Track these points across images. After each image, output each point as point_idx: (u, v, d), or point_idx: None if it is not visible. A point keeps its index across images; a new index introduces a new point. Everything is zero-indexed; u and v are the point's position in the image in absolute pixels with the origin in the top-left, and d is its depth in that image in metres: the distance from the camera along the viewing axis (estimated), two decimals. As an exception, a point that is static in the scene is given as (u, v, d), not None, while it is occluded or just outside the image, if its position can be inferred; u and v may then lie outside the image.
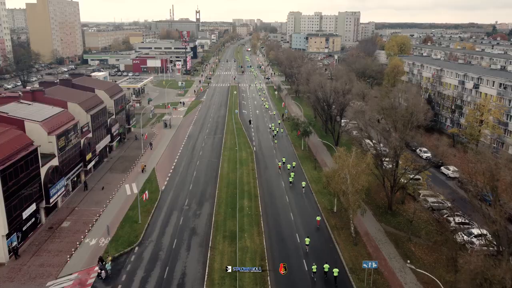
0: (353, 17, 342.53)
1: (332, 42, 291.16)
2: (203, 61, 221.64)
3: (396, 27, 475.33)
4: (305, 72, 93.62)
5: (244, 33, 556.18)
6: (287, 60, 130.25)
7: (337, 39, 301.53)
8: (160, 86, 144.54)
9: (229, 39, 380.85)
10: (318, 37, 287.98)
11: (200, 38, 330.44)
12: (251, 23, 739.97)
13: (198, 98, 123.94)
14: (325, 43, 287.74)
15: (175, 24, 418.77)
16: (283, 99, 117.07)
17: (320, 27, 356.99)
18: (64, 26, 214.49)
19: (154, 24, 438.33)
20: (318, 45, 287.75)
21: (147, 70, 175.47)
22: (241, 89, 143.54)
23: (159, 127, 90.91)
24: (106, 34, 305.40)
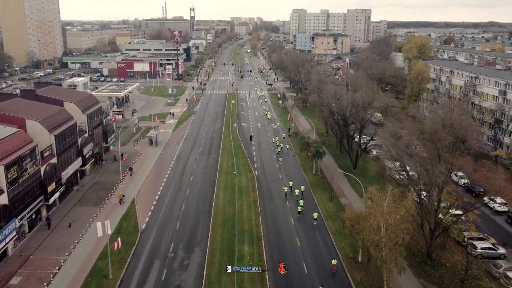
0: (363, 15, 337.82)
1: (340, 42, 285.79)
2: (197, 64, 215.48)
3: (409, 26, 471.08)
4: (315, 80, 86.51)
5: (243, 33, 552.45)
6: (293, 64, 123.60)
7: (346, 39, 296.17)
8: (147, 94, 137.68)
9: (227, 40, 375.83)
10: (325, 37, 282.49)
11: (194, 38, 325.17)
12: (251, 22, 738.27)
13: (190, 108, 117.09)
14: (333, 44, 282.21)
15: (167, 23, 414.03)
16: (289, 111, 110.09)
17: (327, 26, 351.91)
18: (42, 25, 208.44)
19: (144, 23, 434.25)
20: (326, 46, 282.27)
21: (133, 75, 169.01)
22: (240, 97, 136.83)
23: (143, 144, 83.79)
24: (91, 34, 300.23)
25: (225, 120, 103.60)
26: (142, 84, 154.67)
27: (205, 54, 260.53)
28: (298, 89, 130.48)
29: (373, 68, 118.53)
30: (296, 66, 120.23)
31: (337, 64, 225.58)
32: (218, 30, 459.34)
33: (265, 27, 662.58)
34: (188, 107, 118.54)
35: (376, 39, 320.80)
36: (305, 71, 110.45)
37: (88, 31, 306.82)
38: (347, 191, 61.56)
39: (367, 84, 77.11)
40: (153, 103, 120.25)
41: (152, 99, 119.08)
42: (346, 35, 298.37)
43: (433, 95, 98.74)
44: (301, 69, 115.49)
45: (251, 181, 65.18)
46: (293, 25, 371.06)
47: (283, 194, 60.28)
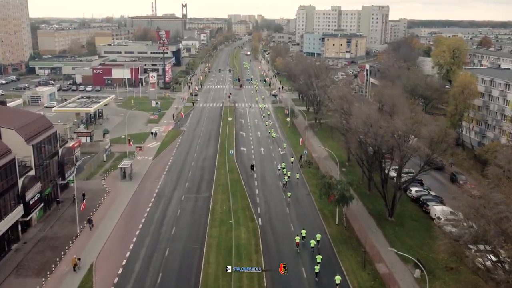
0: (380, 13, 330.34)
1: (355, 44, 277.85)
2: (188, 70, 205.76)
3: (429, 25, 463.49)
4: (336, 96, 76.00)
5: (242, 32, 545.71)
6: (304, 73, 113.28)
7: (362, 40, 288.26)
8: (127, 107, 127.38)
9: (223, 40, 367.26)
10: (337, 38, 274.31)
11: (186, 39, 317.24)
12: (251, 20, 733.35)
13: (177, 126, 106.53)
14: (346, 46, 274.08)
15: (155, 21, 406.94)
16: (299, 131, 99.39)
17: (339, 25, 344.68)
18: (6, 24, 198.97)
19: (130, 21, 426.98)
20: (338, 48, 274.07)
21: (112, 83, 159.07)
22: (239, 112, 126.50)
23: (114, 177, 72.98)
24: (66, 34, 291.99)
25: (219, 143, 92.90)
26: (121, 94, 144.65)
27: (198, 58, 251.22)
28: (309, 102, 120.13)
29: (401, 77, 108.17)
30: (308, 76, 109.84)
31: (352, 71, 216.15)
32: (214, 30, 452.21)
33: (266, 26, 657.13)
34: (174, 125, 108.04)
35: (396, 40, 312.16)
36: (321, 83, 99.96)
37: (64, 30, 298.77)
38: (384, 252, 50.56)
39: (403, 102, 66.53)
40: (132, 119, 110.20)
41: (131, 114, 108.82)
42: (361, 36, 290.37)
43: (481, 114, 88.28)
44: (314, 79, 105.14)
45: (253, 235, 54.24)
46: (299, 24, 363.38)
47: (295, 246, 50.35)
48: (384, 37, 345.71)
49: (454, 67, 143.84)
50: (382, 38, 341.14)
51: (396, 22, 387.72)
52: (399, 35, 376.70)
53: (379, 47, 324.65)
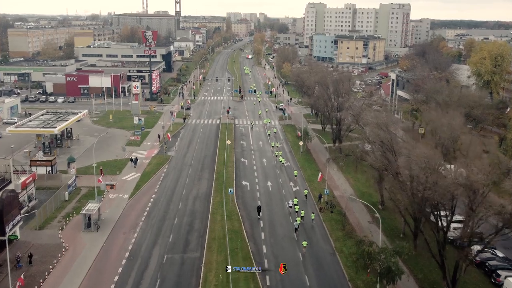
0: (401, 12, 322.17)
1: (372, 48, 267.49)
2: (180, 76, 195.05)
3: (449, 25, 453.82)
4: (372, 124, 64.51)
5: (242, 32, 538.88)
6: (320, 86, 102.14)
7: (380, 43, 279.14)
8: (104, 123, 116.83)
9: (222, 41, 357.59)
10: (352, 41, 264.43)
11: (178, 40, 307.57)
12: (252, 19, 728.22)
13: (163, 150, 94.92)
14: (362, 50, 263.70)
15: (145, 19, 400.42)
16: (316, 162, 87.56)
17: (353, 25, 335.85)
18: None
19: (116, 19, 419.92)
20: (353, 52, 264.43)
21: (88, 93, 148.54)
22: (239, 131, 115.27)
23: (76, 225, 61.43)
24: (42, 33, 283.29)
25: (215, 175, 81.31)
26: (98, 107, 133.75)
27: (192, 62, 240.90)
28: (324, 119, 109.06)
29: (441, 92, 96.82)
30: (326, 89, 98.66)
31: (371, 79, 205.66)
32: (211, 29, 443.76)
33: (270, 25, 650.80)
34: (160, 149, 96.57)
35: (419, 43, 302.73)
36: (347, 102, 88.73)
37: (38, 29, 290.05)
38: None
39: (469, 136, 55.06)
40: (108, 141, 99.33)
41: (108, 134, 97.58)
42: (379, 38, 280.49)
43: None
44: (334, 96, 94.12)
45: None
46: (308, 24, 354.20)
47: None
48: (404, 39, 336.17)
49: (496, 77, 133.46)
50: (403, 40, 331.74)
51: (418, 23, 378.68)
52: (421, 37, 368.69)
53: (399, 50, 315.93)
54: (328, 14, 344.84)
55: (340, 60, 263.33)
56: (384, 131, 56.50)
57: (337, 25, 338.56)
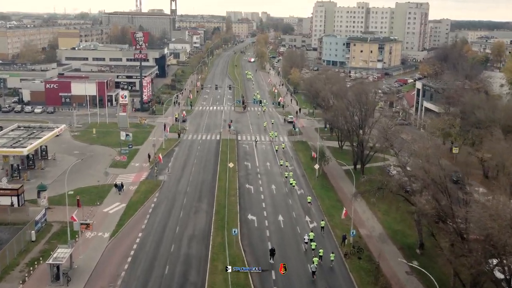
0: (418, 12, 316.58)
1: (388, 51, 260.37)
2: (175, 83, 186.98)
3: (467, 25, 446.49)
4: (418, 155, 55.83)
5: (243, 33, 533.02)
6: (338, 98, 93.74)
7: (396, 46, 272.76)
8: (86, 139, 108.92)
9: (221, 43, 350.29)
10: (366, 43, 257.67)
11: (174, 41, 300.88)
12: (254, 18, 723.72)
13: (154, 174, 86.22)
14: (377, 54, 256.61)
15: (138, 18, 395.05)
16: (339, 198, 78.67)
17: (366, 26, 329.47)
18: None
19: (106, 18, 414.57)
20: (367, 56, 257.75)
21: (70, 102, 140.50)
22: (243, 149, 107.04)
23: (42, 276, 52.83)
24: (23, 33, 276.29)
25: (215, 207, 72.64)
26: (81, 118, 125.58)
27: (188, 66, 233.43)
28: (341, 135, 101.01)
29: (482, 106, 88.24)
30: (346, 103, 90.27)
31: (389, 86, 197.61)
32: (209, 29, 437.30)
33: (273, 25, 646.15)
34: (150, 172, 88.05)
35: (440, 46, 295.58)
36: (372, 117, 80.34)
37: (20, 29, 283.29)
38: None
39: None
40: (90, 162, 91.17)
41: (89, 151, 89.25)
42: (395, 40, 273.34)
43: None
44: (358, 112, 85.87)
45: None
46: (317, 24, 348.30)
47: None
48: (422, 41, 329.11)
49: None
50: (420, 43, 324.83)
51: (437, 23, 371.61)
52: (441, 39, 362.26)
53: (416, 54, 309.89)
54: (339, 14, 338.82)
55: (353, 65, 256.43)
56: (435, 165, 47.74)
57: (349, 25, 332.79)
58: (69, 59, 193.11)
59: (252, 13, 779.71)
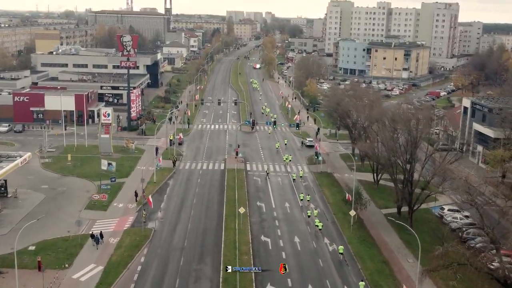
0: (448, 13, 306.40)
1: (415, 58, 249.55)
2: (169, 94, 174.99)
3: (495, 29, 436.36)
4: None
5: (246, 35, 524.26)
6: (384, 129, 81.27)
7: (424, 52, 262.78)
8: (58, 167, 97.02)
9: (222, 47, 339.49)
10: (390, 49, 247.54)
11: (168, 45, 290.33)
12: (257, 18, 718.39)
13: (141, 219, 73.41)
14: (403, 61, 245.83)
15: (128, 17, 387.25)
16: (386, 259, 65.70)
17: (387, 29, 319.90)
18: None
19: (93, 17, 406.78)
20: (390, 63, 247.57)
21: (43, 118, 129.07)
22: (253, 183, 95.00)
23: None
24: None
25: (222, 272, 59.67)
26: (55, 140, 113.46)
27: (185, 74, 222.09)
28: (376, 168, 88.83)
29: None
30: (392, 132, 77.83)
31: (420, 101, 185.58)
32: (208, 31, 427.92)
33: (279, 27, 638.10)
34: (137, 217, 75.50)
35: (477, 53, 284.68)
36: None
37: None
38: None
39: None
40: (60, 200, 78.77)
41: (61, 187, 76.87)
42: (423, 46, 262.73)
43: None
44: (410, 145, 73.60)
45: None
46: (331, 27, 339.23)
47: None
48: (451, 47, 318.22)
49: None
50: (449, 49, 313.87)
51: (467, 27, 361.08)
52: (471, 45, 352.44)
53: (445, 62, 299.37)
54: (356, 15, 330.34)
55: (374, 74, 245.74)
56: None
57: (368, 28, 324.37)
58: (45, 66, 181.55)
59: (255, 13, 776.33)
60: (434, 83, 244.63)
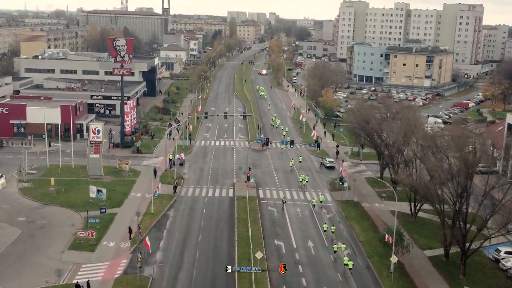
0: (472, 16, 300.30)
1: (438, 65, 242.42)
2: (169, 105, 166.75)
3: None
4: None
5: (250, 37, 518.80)
6: (434, 159, 72.61)
7: (447, 58, 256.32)
8: (39, 194, 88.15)
9: (224, 51, 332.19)
10: (411, 55, 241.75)
11: (166, 48, 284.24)
12: (261, 19, 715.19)
13: (136, 264, 64.24)
14: (425, 68, 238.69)
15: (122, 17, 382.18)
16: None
17: (405, 32, 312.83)
18: None
19: (84, 17, 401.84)
20: (411, 71, 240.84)
21: (25, 133, 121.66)
22: (268, 214, 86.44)
23: None
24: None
25: None
26: (37, 159, 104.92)
27: (185, 81, 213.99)
28: (416, 199, 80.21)
29: None
30: (443, 160, 69.03)
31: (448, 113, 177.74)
32: (209, 33, 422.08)
33: (285, 29, 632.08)
34: (131, 259, 66.50)
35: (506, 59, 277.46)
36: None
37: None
38: None
39: None
40: (39, 236, 70.18)
41: (41, 220, 68.27)
42: (447, 51, 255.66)
43: None
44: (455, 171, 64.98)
45: None
46: (344, 29, 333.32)
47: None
48: (475, 52, 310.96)
49: None
50: (473, 54, 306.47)
51: (491, 30, 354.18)
52: (496, 51, 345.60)
53: (468, 68, 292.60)
54: (372, 17, 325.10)
55: (393, 82, 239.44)
56: None
57: (384, 31, 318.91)
58: (29, 71, 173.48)
59: (258, 13, 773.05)
60: (459, 92, 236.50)
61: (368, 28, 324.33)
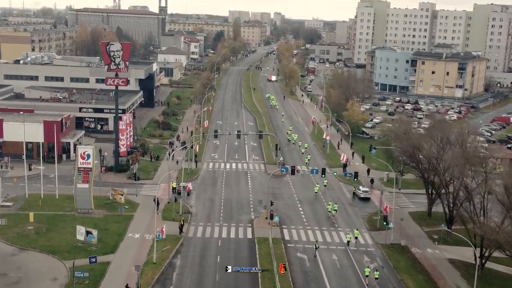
0: (506, 18, 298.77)
1: (471, 73, 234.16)
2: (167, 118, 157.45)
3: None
4: None
5: (255, 39, 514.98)
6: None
7: (480, 65, 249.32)
8: (15, 236, 78.35)
9: (228, 55, 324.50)
10: (440, 61, 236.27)
11: (164, 51, 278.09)
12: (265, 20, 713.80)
13: None
14: (457, 76, 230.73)
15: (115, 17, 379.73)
16: None
17: (431, 35, 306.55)
18: None
19: (73, 16, 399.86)
20: (441, 79, 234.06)
21: (1, 153, 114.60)
22: (300, 266, 76.60)
23: None
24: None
25: None
26: (15, 187, 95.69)
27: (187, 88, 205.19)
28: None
29: None
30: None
31: (489, 131, 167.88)
32: (210, 34, 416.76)
33: (292, 30, 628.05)
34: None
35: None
36: None
37: None
38: None
39: None
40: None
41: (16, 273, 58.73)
42: (479, 57, 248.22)
43: None
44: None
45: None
46: (362, 32, 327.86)
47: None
48: (509, 58, 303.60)
49: None
50: (507, 59, 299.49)
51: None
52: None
53: (502, 76, 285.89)
54: (393, 18, 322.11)
55: (420, 91, 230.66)
56: None
57: (407, 34, 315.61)
58: (9, 78, 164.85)
59: (262, 13, 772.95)
60: (494, 103, 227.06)
61: (389, 30, 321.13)
